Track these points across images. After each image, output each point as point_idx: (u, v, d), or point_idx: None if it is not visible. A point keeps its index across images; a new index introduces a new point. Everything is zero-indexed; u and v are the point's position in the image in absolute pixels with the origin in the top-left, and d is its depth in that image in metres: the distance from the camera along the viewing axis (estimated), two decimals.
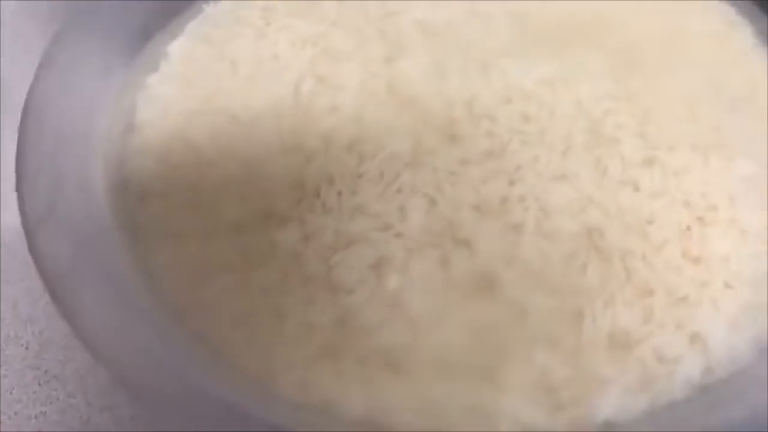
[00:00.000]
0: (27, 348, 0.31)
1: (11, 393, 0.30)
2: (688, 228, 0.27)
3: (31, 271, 0.24)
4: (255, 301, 0.26)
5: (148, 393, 0.23)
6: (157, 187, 0.30)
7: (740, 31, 0.34)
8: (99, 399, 0.29)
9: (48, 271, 0.24)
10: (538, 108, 0.31)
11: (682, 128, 0.30)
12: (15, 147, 0.27)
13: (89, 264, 0.25)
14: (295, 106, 0.32)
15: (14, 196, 0.26)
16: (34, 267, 0.24)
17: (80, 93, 0.31)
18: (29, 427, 0.28)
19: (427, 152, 0.30)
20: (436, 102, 0.32)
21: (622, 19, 0.34)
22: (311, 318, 0.26)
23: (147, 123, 0.32)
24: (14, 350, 0.31)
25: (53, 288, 0.23)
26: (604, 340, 0.25)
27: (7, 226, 0.32)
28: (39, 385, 0.30)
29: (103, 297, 0.24)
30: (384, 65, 0.33)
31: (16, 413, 0.29)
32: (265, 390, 0.24)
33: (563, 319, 0.26)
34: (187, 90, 0.33)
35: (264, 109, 0.32)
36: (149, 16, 0.34)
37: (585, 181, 0.28)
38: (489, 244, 0.27)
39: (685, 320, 0.26)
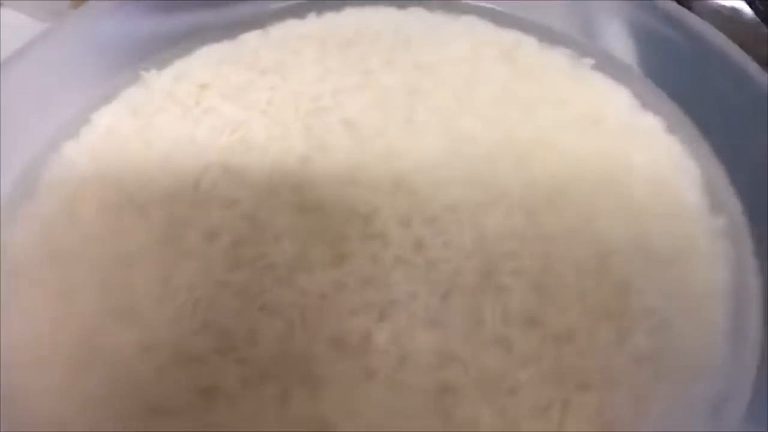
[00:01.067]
0: None
1: None
2: (548, 407, 0.23)
3: None
4: None
5: None
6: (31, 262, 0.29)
7: (685, 178, 0.30)
8: None
9: None
10: (434, 237, 0.28)
11: (585, 286, 0.27)
12: None
13: None
14: (194, 195, 0.30)
15: None
16: None
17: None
18: None
19: (306, 269, 0.28)
20: (336, 212, 0.30)
21: (562, 148, 0.32)
22: None
23: (49, 187, 0.31)
24: None
25: None
26: None
27: None
28: None
29: None
30: (298, 163, 0.31)
31: None
32: None
33: None
34: (95, 163, 0.32)
35: (160, 194, 0.31)
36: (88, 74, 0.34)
37: (455, 331, 0.26)
38: (335, 388, 0.25)
39: None
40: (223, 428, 0.24)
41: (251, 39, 0.37)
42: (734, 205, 0.29)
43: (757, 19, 0.38)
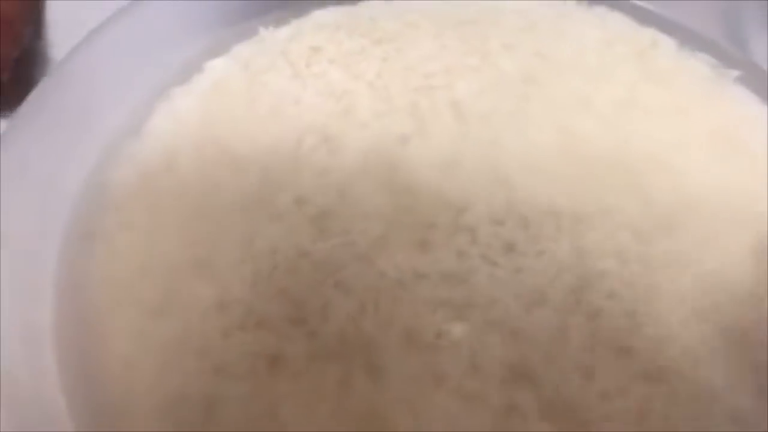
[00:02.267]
0: None
1: None
2: None
3: None
4: None
5: None
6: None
7: None
8: None
9: None
10: (528, 242, 0.26)
11: (689, 324, 0.24)
12: None
13: None
14: (292, 157, 0.30)
15: None
16: None
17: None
18: None
19: (387, 252, 0.27)
20: (428, 199, 0.28)
21: (686, 169, 0.28)
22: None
23: (153, 131, 0.31)
24: None
25: None
26: None
27: None
28: None
29: None
30: (397, 142, 0.30)
31: None
32: None
33: None
34: (202, 110, 0.32)
35: (258, 153, 0.30)
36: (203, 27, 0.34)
37: (535, 348, 0.24)
38: (400, 384, 0.24)
39: None
40: (286, 401, 0.23)
41: (372, 6, 0.35)
42: None
43: None
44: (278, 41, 0.35)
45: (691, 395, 0.23)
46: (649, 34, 0.33)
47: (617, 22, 0.34)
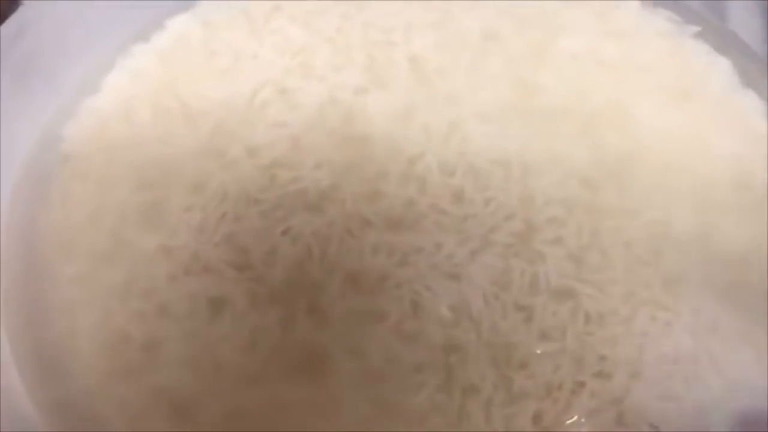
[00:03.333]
0: None
1: None
2: (558, 387, 0.21)
3: None
4: None
5: None
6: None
7: None
8: None
9: None
10: (477, 191, 0.26)
11: (633, 270, 0.24)
12: None
13: None
14: (246, 111, 0.30)
15: None
16: None
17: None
18: None
19: (338, 201, 0.27)
20: (381, 149, 0.28)
21: (640, 119, 0.28)
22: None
23: (112, 85, 0.31)
24: None
25: None
26: None
27: None
28: None
29: None
30: (352, 95, 0.30)
31: None
32: None
33: None
34: (161, 67, 0.32)
35: (213, 106, 0.30)
36: None
37: (477, 290, 0.24)
38: (341, 323, 0.24)
39: None
40: (225, 342, 0.23)
41: None
42: None
43: None
44: (239, 2, 0.34)
45: (629, 337, 0.22)
46: None
47: None
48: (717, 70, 0.29)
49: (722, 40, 0.31)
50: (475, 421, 0.21)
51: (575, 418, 0.21)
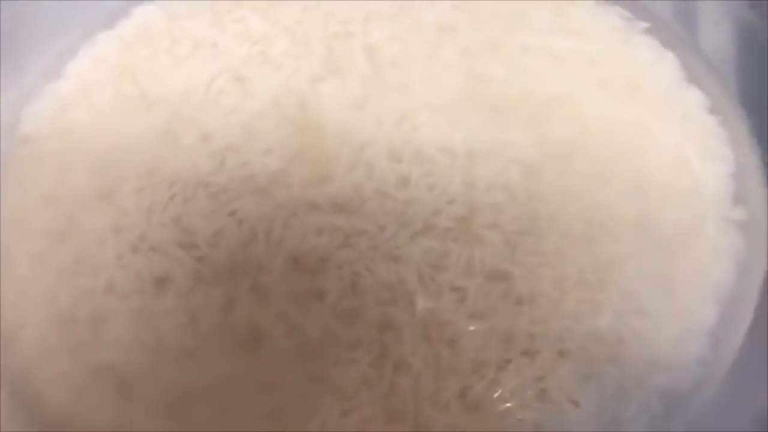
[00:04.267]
0: None
1: None
2: (485, 365, 0.22)
3: None
4: None
5: None
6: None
7: (713, 162, 0.27)
8: None
9: None
10: (422, 177, 0.27)
11: (565, 254, 0.25)
12: None
13: None
14: (202, 98, 0.31)
15: None
16: None
17: None
18: None
19: (285, 185, 0.28)
20: (333, 136, 0.29)
21: (587, 110, 0.29)
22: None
23: (75, 71, 0.32)
24: None
25: None
26: None
27: None
28: None
29: None
30: (308, 83, 0.31)
31: None
32: None
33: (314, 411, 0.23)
34: (123, 54, 0.33)
35: (170, 93, 0.31)
36: None
37: (413, 272, 0.24)
38: (282, 301, 0.25)
39: None
40: (168, 319, 0.24)
41: None
42: (762, 200, 0.26)
43: None
44: None
45: (557, 317, 0.23)
46: None
47: None
48: (663, 65, 0.30)
49: (670, 36, 0.31)
50: (403, 396, 0.22)
51: (500, 392, 0.22)
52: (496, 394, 0.22)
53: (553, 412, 0.22)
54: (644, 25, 0.32)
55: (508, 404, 0.22)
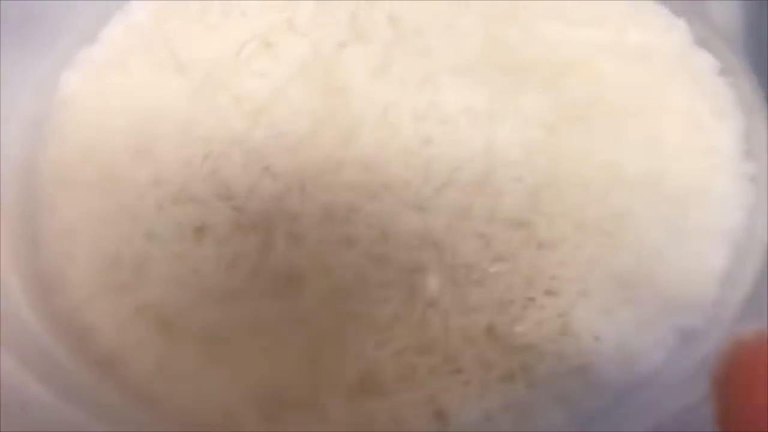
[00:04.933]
0: None
1: None
2: (510, 303, 0.24)
3: None
4: None
5: None
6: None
7: (724, 122, 0.29)
8: None
9: None
10: (445, 135, 0.29)
11: (583, 205, 0.26)
12: None
13: None
14: (232, 63, 0.32)
15: None
16: None
17: None
18: None
19: (314, 144, 0.29)
20: (358, 99, 0.31)
21: (600, 72, 0.31)
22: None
23: (108, 38, 0.34)
24: None
25: None
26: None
27: None
28: None
29: None
30: (334, 49, 0.32)
31: None
32: None
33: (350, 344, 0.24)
34: (155, 22, 0.34)
35: (203, 57, 0.32)
36: None
37: (440, 220, 0.26)
38: (316, 247, 0.26)
39: None
40: (208, 263, 0.26)
41: None
42: None
43: None
44: None
45: (577, 261, 0.25)
46: None
47: None
48: (675, 32, 0.32)
49: (680, 5, 0.33)
50: (433, 330, 0.24)
51: (524, 327, 0.24)
52: (520, 329, 0.24)
53: (575, 345, 0.23)
54: None
55: (532, 337, 0.23)
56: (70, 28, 0.34)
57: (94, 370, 0.24)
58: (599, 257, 0.25)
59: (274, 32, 0.33)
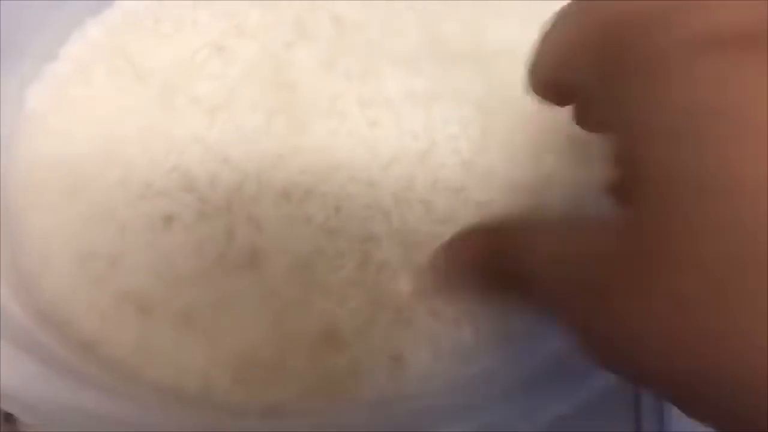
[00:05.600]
0: None
1: None
2: None
3: None
4: None
5: None
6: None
7: None
8: None
9: None
10: (388, 118, 0.32)
11: (516, 172, 0.30)
12: None
13: None
14: (187, 67, 0.35)
15: None
16: None
17: None
18: None
19: (269, 135, 0.32)
20: (307, 92, 0.33)
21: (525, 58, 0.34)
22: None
23: (69, 55, 0.36)
24: None
25: None
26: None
27: None
28: None
29: None
30: (282, 47, 0.35)
31: None
32: None
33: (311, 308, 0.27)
34: (112, 36, 0.37)
35: (160, 65, 0.35)
36: None
37: (388, 192, 0.29)
38: (275, 227, 0.29)
39: None
40: (178, 249, 0.28)
41: None
42: None
43: None
44: None
45: (510, 215, 0.28)
46: None
47: None
48: None
49: None
50: (387, 289, 0.27)
51: None
52: None
53: None
54: None
55: None
56: (33, 48, 0.36)
57: (77, 353, 0.26)
58: (528, 215, 0.28)
59: (225, 37, 0.36)
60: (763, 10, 0.15)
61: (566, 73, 0.20)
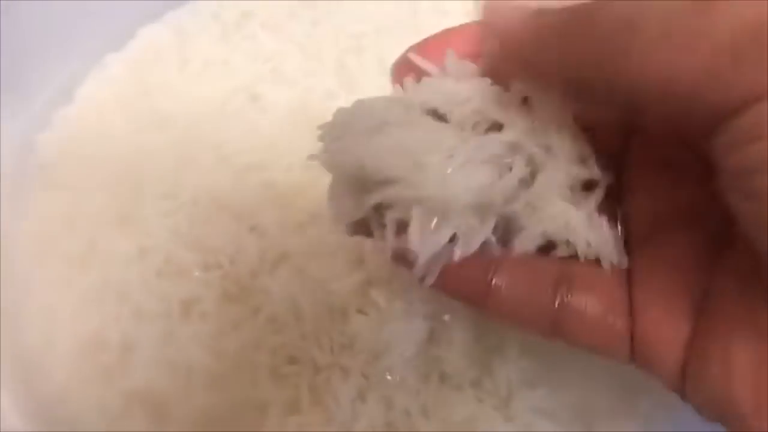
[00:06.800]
0: None
1: None
2: None
3: None
4: None
5: None
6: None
7: None
8: None
9: None
10: None
11: None
12: None
13: None
14: (216, 116, 0.31)
15: None
16: None
17: None
18: None
19: (306, 196, 0.28)
20: None
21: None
22: None
23: (86, 96, 0.33)
24: None
25: None
26: None
27: None
28: None
29: None
30: (324, 98, 0.32)
31: None
32: None
33: None
34: (133, 75, 0.33)
35: (186, 112, 0.32)
36: None
37: None
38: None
39: None
40: (195, 341, 0.25)
41: None
42: None
43: None
44: (210, 6, 0.36)
45: None
46: None
47: None
48: None
49: None
50: None
51: None
52: None
53: None
54: None
55: None
56: (45, 86, 0.33)
57: None
58: None
59: (260, 83, 0.32)
60: None
61: None
